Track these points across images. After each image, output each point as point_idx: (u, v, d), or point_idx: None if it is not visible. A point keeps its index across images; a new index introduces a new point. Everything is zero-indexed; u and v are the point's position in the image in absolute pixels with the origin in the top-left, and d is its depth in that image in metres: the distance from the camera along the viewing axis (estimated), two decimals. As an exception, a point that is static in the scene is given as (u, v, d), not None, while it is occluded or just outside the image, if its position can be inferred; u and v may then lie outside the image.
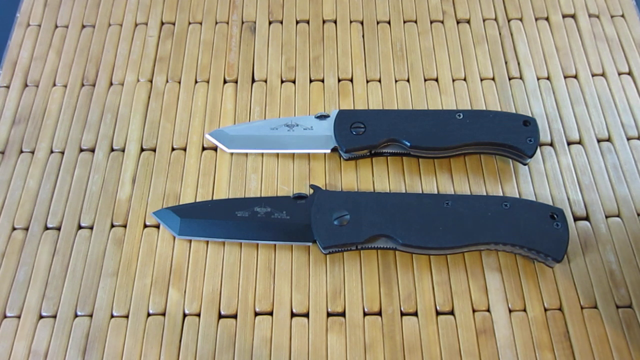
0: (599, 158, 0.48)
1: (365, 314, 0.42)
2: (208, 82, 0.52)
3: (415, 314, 0.42)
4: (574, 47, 0.54)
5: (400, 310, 0.42)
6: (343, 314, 0.42)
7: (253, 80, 0.53)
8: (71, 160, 0.48)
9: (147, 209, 0.46)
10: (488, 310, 0.42)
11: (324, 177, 0.47)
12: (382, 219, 0.42)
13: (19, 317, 0.42)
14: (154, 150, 0.49)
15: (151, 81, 0.52)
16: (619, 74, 0.52)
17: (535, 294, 0.42)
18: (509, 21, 0.56)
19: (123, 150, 0.49)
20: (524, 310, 0.42)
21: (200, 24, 0.56)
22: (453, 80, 0.52)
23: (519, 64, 0.53)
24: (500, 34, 0.55)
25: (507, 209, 0.42)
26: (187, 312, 0.42)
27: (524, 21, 0.55)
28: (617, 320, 0.41)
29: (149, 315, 0.42)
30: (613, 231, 0.44)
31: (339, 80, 0.52)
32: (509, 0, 0.57)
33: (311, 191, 0.45)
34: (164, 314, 0.42)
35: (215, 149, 0.49)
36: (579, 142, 0.49)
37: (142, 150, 0.49)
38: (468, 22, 0.56)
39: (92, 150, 0.49)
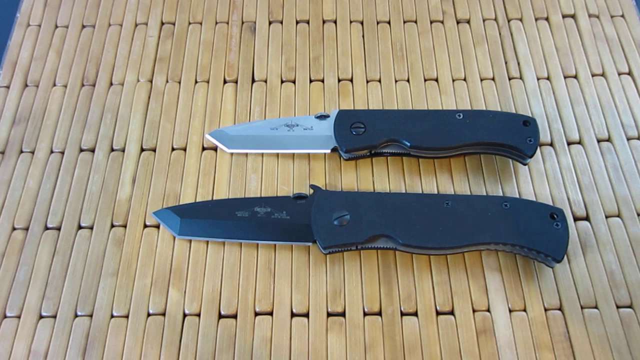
0: (599, 158, 0.48)
1: (365, 314, 0.42)
2: (208, 82, 0.52)
3: (415, 314, 0.42)
4: (574, 47, 0.54)
5: (400, 310, 0.42)
6: (343, 314, 0.42)
7: (253, 80, 0.53)
8: (71, 160, 0.48)
9: (147, 209, 0.46)
10: (488, 310, 0.42)
11: (324, 177, 0.47)
12: (382, 219, 0.42)
13: (19, 317, 0.42)
14: (154, 150, 0.49)
15: (151, 81, 0.52)
16: (619, 74, 0.52)
17: (535, 294, 0.42)
18: (509, 21, 0.56)
19: (123, 150, 0.49)
20: (524, 310, 0.42)
21: (200, 24, 0.56)
22: (453, 80, 0.52)
23: (519, 64, 0.53)
24: (500, 34, 0.55)
25: (507, 209, 0.42)
26: (187, 312, 0.42)
27: (524, 21, 0.55)
28: (617, 320, 0.41)
29: (149, 315, 0.42)
30: (613, 231, 0.44)
31: (339, 80, 0.52)
32: (509, 0, 0.57)
33: (311, 191, 0.45)
34: (164, 314, 0.42)
35: (215, 149, 0.49)
36: (579, 142, 0.49)
37: (142, 150, 0.49)
38: (468, 22, 0.56)
39: (92, 150, 0.49)
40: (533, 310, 0.41)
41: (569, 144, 0.49)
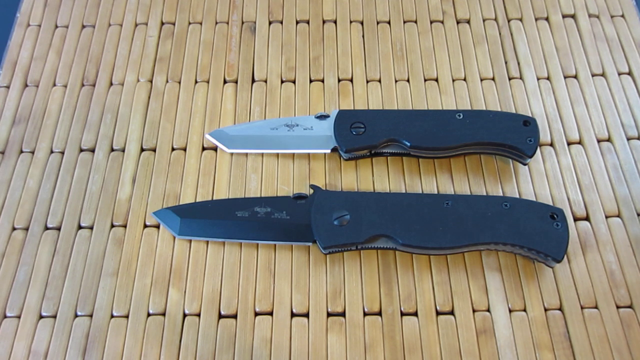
0: (599, 158, 0.48)
1: (365, 314, 0.42)
2: (208, 82, 0.52)
3: (415, 314, 0.42)
4: (574, 47, 0.54)
5: (400, 310, 0.42)
6: (343, 314, 0.42)
7: (253, 80, 0.53)
8: (71, 160, 0.48)
9: (147, 209, 0.46)
10: (488, 310, 0.42)
11: (324, 177, 0.47)
12: (382, 219, 0.42)
13: (19, 317, 0.42)
14: (154, 150, 0.49)
15: (151, 81, 0.52)
16: (619, 74, 0.52)
17: (535, 294, 0.42)
18: (509, 21, 0.56)
19: (123, 150, 0.49)
20: (524, 310, 0.42)
21: (200, 24, 0.56)
22: (453, 80, 0.52)
23: (519, 64, 0.53)
24: (500, 34, 0.55)
25: (507, 209, 0.42)
26: (187, 312, 0.42)
27: (524, 21, 0.55)
28: (617, 320, 0.41)
29: (149, 315, 0.42)
30: (613, 231, 0.44)
31: (339, 80, 0.52)
32: (509, 0, 0.57)
33: (311, 191, 0.45)
34: (164, 314, 0.42)
35: (215, 149, 0.49)
36: (579, 142, 0.49)
37: (142, 150, 0.49)
38: (468, 22, 0.56)
39: (92, 150, 0.49)
40: (533, 310, 0.41)
41: (569, 144, 0.49)
